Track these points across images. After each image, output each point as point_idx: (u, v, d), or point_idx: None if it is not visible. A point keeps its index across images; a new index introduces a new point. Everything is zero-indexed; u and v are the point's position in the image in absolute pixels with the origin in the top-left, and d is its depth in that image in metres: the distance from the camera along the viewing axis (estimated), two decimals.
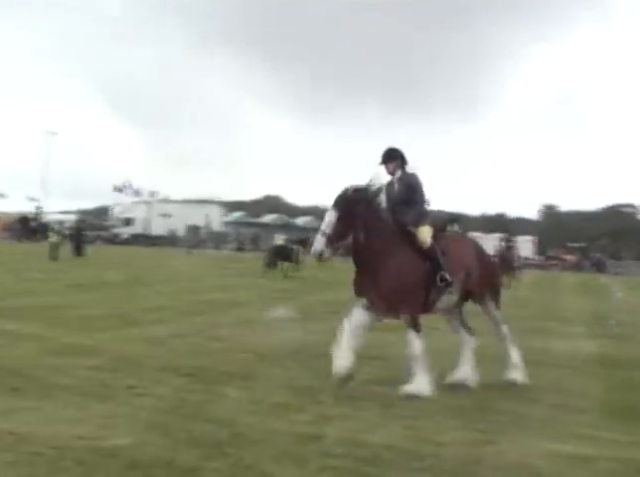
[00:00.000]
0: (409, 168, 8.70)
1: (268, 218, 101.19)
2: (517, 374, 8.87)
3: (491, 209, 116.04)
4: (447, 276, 8.22)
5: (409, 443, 6.21)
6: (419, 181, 8.69)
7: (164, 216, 79.74)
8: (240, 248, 74.35)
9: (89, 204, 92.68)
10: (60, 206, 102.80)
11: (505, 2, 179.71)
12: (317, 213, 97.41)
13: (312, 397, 7.65)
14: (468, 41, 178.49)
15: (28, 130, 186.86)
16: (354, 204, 8.04)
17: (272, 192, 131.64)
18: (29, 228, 67.72)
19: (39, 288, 19.19)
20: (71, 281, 21.51)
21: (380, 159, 8.67)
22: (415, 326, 8.07)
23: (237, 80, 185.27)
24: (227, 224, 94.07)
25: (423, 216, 8.58)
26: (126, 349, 10.20)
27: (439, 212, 19.10)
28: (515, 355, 8.98)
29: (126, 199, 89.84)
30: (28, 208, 79.45)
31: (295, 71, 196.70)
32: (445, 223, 18.43)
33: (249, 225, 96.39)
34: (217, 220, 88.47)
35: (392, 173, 8.67)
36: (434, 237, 8.49)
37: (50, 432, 5.98)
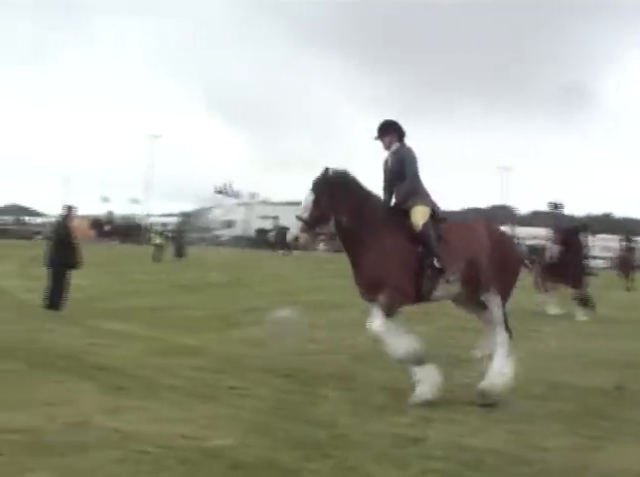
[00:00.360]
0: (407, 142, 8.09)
1: None
2: (492, 385, 7.65)
3: (597, 209, 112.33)
4: (437, 263, 7.50)
5: (513, 448, 6.08)
6: (412, 154, 8.00)
7: (263, 218, 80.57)
8: (338, 250, 74.34)
9: (191, 206, 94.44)
10: (162, 208, 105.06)
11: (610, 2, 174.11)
12: None
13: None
14: (576, 41, 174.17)
15: (132, 134, 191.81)
16: (333, 186, 7.50)
17: None
18: (103, 231, 69.45)
19: (143, 289, 19.69)
20: (174, 282, 22.00)
21: (375, 134, 8.10)
22: (389, 310, 7.35)
23: (338, 82, 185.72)
24: None
25: (415, 194, 7.87)
26: (228, 350, 10.34)
27: (571, 218, 18.65)
28: (500, 366, 7.72)
29: (227, 201, 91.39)
30: (131, 210, 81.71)
31: (397, 73, 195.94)
32: (578, 229, 18.02)
33: None
34: None
35: (388, 147, 8.07)
36: (434, 219, 7.81)
37: (155, 431, 6.10)
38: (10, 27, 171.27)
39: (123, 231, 70.73)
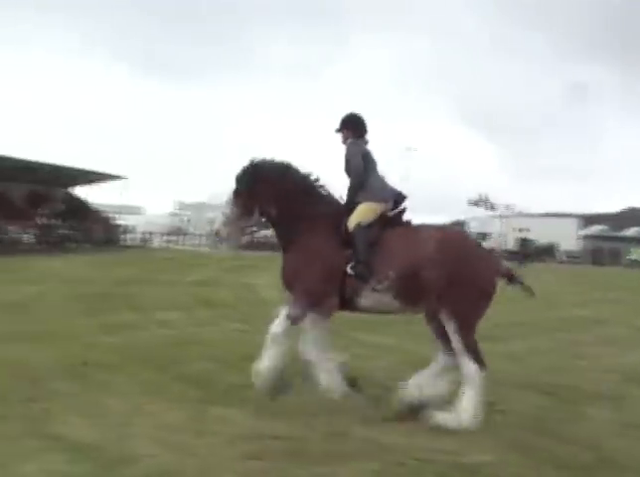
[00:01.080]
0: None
1: (631, 231, 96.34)
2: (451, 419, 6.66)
3: None
4: (350, 269, 6.87)
5: None
6: (353, 149, 7.41)
7: (520, 230, 79.03)
8: (595, 262, 72.34)
9: (446, 218, 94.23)
10: (417, 220, 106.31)
11: None
12: None
13: None
14: None
15: (389, 148, 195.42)
16: (257, 175, 7.12)
17: (637, 204, 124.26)
18: None
19: None
20: None
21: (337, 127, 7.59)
22: (294, 318, 6.89)
23: (599, 90, 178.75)
24: (585, 237, 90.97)
25: (364, 190, 7.25)
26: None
27: None
28: (467, 403, 6.80)
29: (482, 213, 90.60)
30: None
31: None
32: None
33: (609, 238, 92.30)
34: (572, 234, 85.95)
35: (344, 143, 7.59)
36: (381, 222, 7.17)
37: (411, 443, 6.08)
38: (268, 41, 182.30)
39: None
